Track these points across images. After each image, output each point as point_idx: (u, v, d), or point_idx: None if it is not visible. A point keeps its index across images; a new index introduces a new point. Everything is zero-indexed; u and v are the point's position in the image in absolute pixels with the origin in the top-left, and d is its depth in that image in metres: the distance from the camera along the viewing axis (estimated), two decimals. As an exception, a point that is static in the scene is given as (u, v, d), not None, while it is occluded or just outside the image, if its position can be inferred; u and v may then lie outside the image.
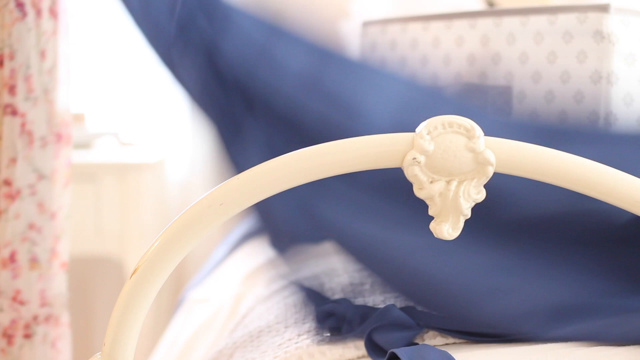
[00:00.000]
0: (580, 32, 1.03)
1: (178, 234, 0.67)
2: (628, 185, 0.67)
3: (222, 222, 0.68)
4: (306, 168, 0.67)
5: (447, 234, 0.68)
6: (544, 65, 1.07)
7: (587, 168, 0.67)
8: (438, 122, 0.66)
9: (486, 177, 0.66)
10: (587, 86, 1.03)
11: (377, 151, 0.66)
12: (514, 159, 0.67)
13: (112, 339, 0.68)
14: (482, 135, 0.66)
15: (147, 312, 0.68)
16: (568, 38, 1.05)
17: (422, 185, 0.67)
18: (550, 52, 1.06)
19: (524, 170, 0.67)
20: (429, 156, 0.66)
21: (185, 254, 0.67)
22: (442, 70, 1.18)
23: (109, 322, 0.68)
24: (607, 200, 0.68)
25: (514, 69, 1.10)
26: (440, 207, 0.67)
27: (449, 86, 1.16)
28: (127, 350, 0.68)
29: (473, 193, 0.67)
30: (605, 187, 0.67)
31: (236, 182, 0.67)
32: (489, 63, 1.12)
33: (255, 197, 0.67)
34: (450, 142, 0.66)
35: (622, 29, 1.02)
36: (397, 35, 1.23)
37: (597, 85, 1.02)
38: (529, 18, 1.08)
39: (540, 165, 0.67)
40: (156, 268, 0.67)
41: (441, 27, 1.18)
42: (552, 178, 0.67)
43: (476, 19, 1.14)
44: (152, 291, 0.68)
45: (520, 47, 1.09)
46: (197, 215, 0.67)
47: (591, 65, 1.03)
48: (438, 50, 1.18)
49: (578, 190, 0.68)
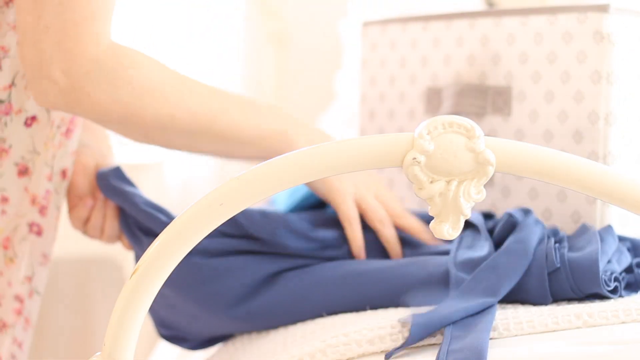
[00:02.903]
0: (580, 32, 1.03)
1: (178, 234, 0.67)
2: (628, 185, 0.67)
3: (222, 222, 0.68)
4: (306, 168, 0.67)
5: (447, 234, 0.68)
6: (544, 65, 1.07)
7: (587, 168, 0.67)
8: (438, 122, 0.66)
9: (486, 177, 0.67)
10: (587, 86, 1.03)
11: (377, 151, 0.66)
12: (514, 159, 0.67)
13: (112, 339, 0.68)
14: (482, 135, 0.66)
15: (147, 312, 0.68)
16: (568, 38, 1.05)
17: (422, 185, 0.67)
18: (550, 52, 1.06)
19: (524, 170, 0.67)
20: (429, 156, 0.66)
21: (185, 254, 0.68)
22: (442, 70, 1.18)
23: (109, 322, 0.68)
24: (607, 201, 0.68)
25: (514, 69, 1.10)
26: (440, 207, 0.67)
27: (448, 86, 1.16)
28: (127, 350, 0.68)
29: (473, 193, 0.67)
30: (605, 187, 0.67)
31: (236, 182, 0.67)
32: (489, 63, 1.12)
33: (255, 197, 0.67)
34: (450, 142, 0.66)
35: (622, 29, 1.02)
36: (397, 35, 1.23)
37: (597, 86, 1.02)
38: (529, 18, 1.08)
39: (540, 165, 0.67)
40: (156, 268, 0.67)
41: (441, 27, 1.18)
42: (552, 178, 0.67)
43: (476, 19, 1.14)
44: (152, 291, 0.68)
45: (520, 47, 1.09)
46: (197, 215, 0.67)
47: (591, 65, 1.03)
48: (438, 50, 1.18)
49: (578, 190, 0.68)
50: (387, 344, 0.82)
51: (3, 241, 1.05)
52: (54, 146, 1.04)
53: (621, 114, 1.02)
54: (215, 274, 0.97)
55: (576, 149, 1.03)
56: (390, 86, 1.24)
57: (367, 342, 0.83)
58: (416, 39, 1.21)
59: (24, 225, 1.05)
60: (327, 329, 0.90)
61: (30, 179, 1.04)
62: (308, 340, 0.88)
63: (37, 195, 1.05)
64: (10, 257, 1.06)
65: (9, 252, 1.05)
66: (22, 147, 1.03)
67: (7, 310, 1.07)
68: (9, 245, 1.05)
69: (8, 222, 1.04)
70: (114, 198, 1.05)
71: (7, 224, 1.04)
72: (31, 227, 1.06)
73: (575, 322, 0.83)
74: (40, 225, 1.06)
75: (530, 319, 0.83)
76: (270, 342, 0.95)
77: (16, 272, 1.06)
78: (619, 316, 0.83)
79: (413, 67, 1.21)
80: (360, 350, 0.82)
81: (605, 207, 1.02)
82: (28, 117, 1.02)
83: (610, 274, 0.88)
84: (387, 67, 1.25)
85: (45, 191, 1.05)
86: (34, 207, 1.05)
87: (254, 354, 0.95)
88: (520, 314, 0.84)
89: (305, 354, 0.84)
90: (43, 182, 1.05)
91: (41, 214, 1.06)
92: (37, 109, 1.02)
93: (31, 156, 1.03)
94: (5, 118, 1.01)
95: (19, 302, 1.07)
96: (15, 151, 1.02)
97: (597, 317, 0.83)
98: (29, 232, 1.06)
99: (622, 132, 1.03)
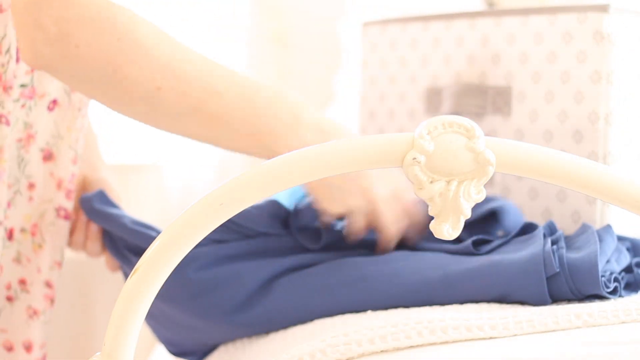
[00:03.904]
0: (580, 32, 1.03)
1: (178, 234, 0.67)
2: (628, 185, 0.67)
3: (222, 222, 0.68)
4: (306, 168, 0.67)
5: (447, 233, 0.68)
6: (544, 65, 1.07)
7: (587, 168, 0.67)
8: (438, 122, 0.66)
9: (486, 177, 0.66)
10: (587, 86, 1.03)
11: (377, 151, 0.66)
12: (514, 159, 0.67)
13: (112, 339, 0.68)
14: (482, 135, 0.66)
15: (147, 312, 0.68)
16: (568, 38, 1.05)
17: (422, 185, 0.67)
18: (550, 52, 1.06)
19: (524, 170, 0.67)
20: (429, 156, 0.66)
21: (186, 253, 0.68)
22: (442, 70, 1.18)
23: (109, 322, 0.68)
24: (607, 201, 0.68)
25: (514, 69, 1.10)
26: (440, 207, 0.67)
27: (449, 86, 1.16)
28: (127, 350, 0.68)
29: (473, 193, 0.67)
30: (605, 187, 0.67)
31: (236, 182, 0.67)
32: (488, 63, 1.12)
33: (255, 197, 0.67)
34: (451, 142, 0.66)
35: (622, 29, 1.02)
36: (397, 35, 1.23)
37: (597, 86, 1.02)
38: (529, 18, 1.08)
39: (540, 165, 0.67)
40: (156, 268, 0.67)
41: (441, 27, 1.18)
42: (552, 178, 0.67)
43: (476, 19, 1.14)
44: (152, 291, 0.68)
45: (520, 47, 1.09)
46: (197, 215, 0.67)
47: (591, 65, 1.03)
48: (438, 50, 1.18)
49: (578, 190, 0.68)
50: (388, 343, 0.82)
51: (31, 228, 1.05)
52: (76, 129, 1.05)
53: (621, 114, 1.03)
54: (211, 285, 0.96)
55: (576, 149, 1.03)
56: (390, 86, 1.24)
57: (368, 341, 0.83)
58: (416, 39, 1.21)
59: (51, 210, 1.06)
60: (327, 329, 0.90)
61: (55, 163, 1.04)
62: (308, 340, 0.88)
63: (63, 179, 1.05)
64: (39, 244, 1.06)
65: (37, 238, 1.06)
66: (47, 132, 1.03)
67: (38, 297, 1.07)
68: (37, 232, 1.06)
69: (35, 209, 1.05)
70: (99, 222, 1.05)
71: (34, 210, 1.05)
72: (58, 211, 1.06)
73: (575, 322, 0.83)
74: (68, 209, 1.06)
75: (530, 318, 0.83)
76: (270, 342, 0.95)
77: (45, 257, 1.06)
78: (619, 316, 0.83)
79: (413, 67, 1.21)
80: (360, 350, 0.82)
81: (605, 207, 1.02)
82: (50, 100, 1.02)
83: (610, 274, 0.88)
84: (387, 67, 1.25)
85: (71, 174, 1.06)
86: (60, 192, 1.05)
87: (254, 354, 0.95)
88: (520, 313, 0.84)
89: (305, 353, 0.84)
90: (68, 166, 1.05)
91: (67, 198, 1.06)
92: (58, 92, 1.02)
93: (55, 141, 1.04)
94: (29, 102, 1.00)
95: (49, 288, 1.07)
96: (40, 137, 1.03)
97: (597, 317, 0.83)
98: (57, 216, 1.06)
99: (622, 132, 1.03)
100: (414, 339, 0.82)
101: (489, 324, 0.83)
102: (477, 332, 0.82)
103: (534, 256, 0.88)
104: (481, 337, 0.83)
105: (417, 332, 0.83)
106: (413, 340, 0.82)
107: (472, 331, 0.82)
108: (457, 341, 0.83)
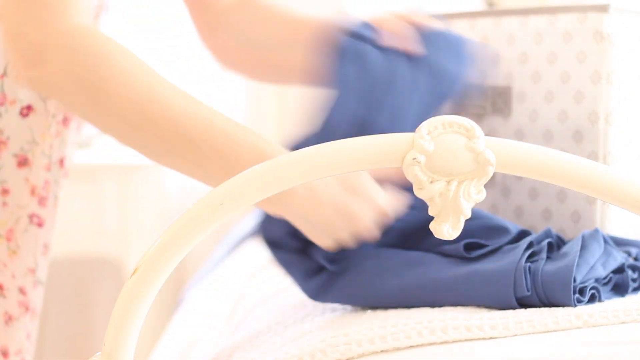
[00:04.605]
0: (580, 32, 1.03)
1: (178, 234, 0.67)
2: (628, 185, 0.67)
3: (222, 222, 0.68)
4: (306, 168, 0.67)
5: (447, 233, 0.68)
6: (544, 66, 1.07)
7: (587, 168, 0.67)
8: (438, 122, 0.66)
9: (486, 177, 0.67)
10: (587, 86, 1.03)
11: (378, 151, 0.66)
12: (514, 159, 0.67)
13: (112, 339, 0.68)
14: (482, 135, 0.66)
15: (147, 312, 0.68)
16: (568, 38, 1.05)
17: (422, 185, 0.67)
18: (550, 52, 1.06)
19: (524, 170, 0.67)
20: (429, 156, 0.66)
21: (186, 254, 0.68)
22: (442, 71, 1.18)
23: (109, 322, 0.68)
24: (607, 201, 0.68)
25: (514, 69, 1.10)
26: (440, 207, 0.67)
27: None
28: (127, 350, 0.68)
29: (473, 193, 0.67)
30: (605, 187, 0.67)
31: (236, 182, 0.67)
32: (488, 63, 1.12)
33: (255, 197, 0.67)
34: (451, 142, 0.66)
35: (622, 29, 1.02)
36: (397, 35, 1.23)
37: (597, 86, 1.02)
38: (529, 18, 1.08)
39: (540, 165, 0.67)
40: (156, 268, 0.67)
41: (441, 27, 1.18)
42: (552, 178, 0.67)
43: (476, 19, 1.14)
44: (152, 291, 0.68)
45: (520, 47, 1.09)
46: (197, 215, 0.67)
47: (591, 65, 1.03)
48: (438, 50, 1.18)
49: (578, 190, 0.68)
50: (388, 343, 0.82)
51: (6, 233, 1.05)
52: (50, 135, 1.04)
53: (621, 114, 1.03)
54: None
55: (576, 149, 1.04)
56: (390, 86, 1.24)
57: (368, 341, 0.83)
58: (416, 39, 1.21)
59: (25, 217, 1.06)
60: (327, 328, 0.90)
61: (30, 169, 1.04)
62: (308, 340, 0.88)
63: (37, 186, 1.05)
64: (14, 250, 1.06)
65: (12, 244, 1.06)
66: (21, 138, 1.03)
67: (12, 303, 1.07)
68: (12, 237, 1.06)
69: (10, 214, 1.05)
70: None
71: (9, 216, 1.05)
72: (31, 218, 1.06)
73: (575, 322, 0.83)
74: (41, 216, 1.06)
75: (530, 318, 0.83)
76: (270, 342, 0.95)
77: (19, 264, 1.06)
78: (619, 316, 0.83)
79: (413, 67, 1.21)
80: (360, 350, 0.82)
81: (605, 207, 1.02)
82: (23, 106, 1.02)
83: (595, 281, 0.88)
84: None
85: (44, 181, 1.06)
86: (34, 198, 1.05)
87: (254, 354, 0.95)
88: (520, 313, 0.85)
89: (305, 353, 0.84)
90: (42, 173, 1.05)
91: (40, 205, 1.06)
92: (31, 98, 1.02)
93: (30, 146, 1.04)
94: (0, 109, 1.01)
95: (23, 295, 1.08)
96: (13, 142, 1.03)
97: (597, 317, 0.83)
98: (30, 223, 1.06)
99: (622, 132, 1.03)
100: (414, 339, 0.83)
101: (489, 324, 0.83)
102: (477, 332, 0.82)
103: (506, 272, 0.88)
104: (481, 337, 0.83)
105: (417, 332, 0.83)
106: (413, 340, 0.82)
107: (472, 331, 0.82)
108: (457, 341, 0.83)
